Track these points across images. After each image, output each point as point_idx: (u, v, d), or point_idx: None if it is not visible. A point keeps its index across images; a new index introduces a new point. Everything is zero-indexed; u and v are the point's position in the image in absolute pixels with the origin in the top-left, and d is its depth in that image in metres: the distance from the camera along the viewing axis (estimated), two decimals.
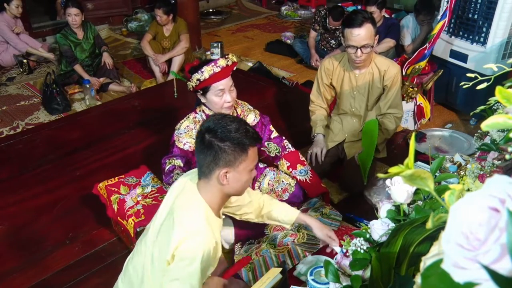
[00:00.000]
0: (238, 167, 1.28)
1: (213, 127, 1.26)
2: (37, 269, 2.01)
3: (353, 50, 2.23)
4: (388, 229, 1.09)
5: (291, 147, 2.32)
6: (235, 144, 1.25)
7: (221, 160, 1.26)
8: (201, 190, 1.32)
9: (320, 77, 2.52)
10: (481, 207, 0.45)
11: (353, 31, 2.18)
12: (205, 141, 1.26)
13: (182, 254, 1.24)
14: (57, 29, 4.40)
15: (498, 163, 1.25)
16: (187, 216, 1.28)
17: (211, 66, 1.91)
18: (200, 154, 1.30)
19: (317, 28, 4.32)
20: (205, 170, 1.30)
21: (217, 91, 1.95)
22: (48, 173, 2.69)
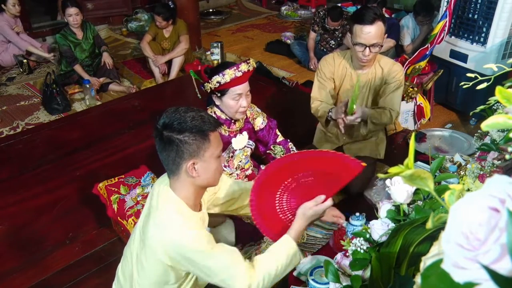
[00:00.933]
0: (204, 156, 1.25)
1: (168, 121, 1.23)
2: (37, 269, 2.01)
3: (362, 48, 2.10)
4: (388, 229, 1.09)
5: (295, 150, 2.32)
6: (195, 133, 1.22)
7: (184, 153, 1.23)
8: (174, 189, 1.30)
9: (322, 72, 2.33)
10: (481, 207, 0.45)
11: (363, 28, 2.04)
12: (164, 138, 1.23)
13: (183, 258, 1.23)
14: (57, 29, 4.40)
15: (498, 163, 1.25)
16: (161, 219, 1.26)
17: (233, 70, 1.89)
18: (162, 153, 1.27)
19: (317, 29, 4.32)
20: (172, 167, 1.27)
21: (235, 95, 1.94)
22: (48, 173, 2.69)
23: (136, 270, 1.35)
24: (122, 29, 5.64)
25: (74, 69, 3.92)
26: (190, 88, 2.09)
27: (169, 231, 1.24)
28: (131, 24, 5.58)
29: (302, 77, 4.14)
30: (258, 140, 2.27)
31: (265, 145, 2.29)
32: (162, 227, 1.25)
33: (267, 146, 2.30)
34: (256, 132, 2.24)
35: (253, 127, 2.22)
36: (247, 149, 2.20)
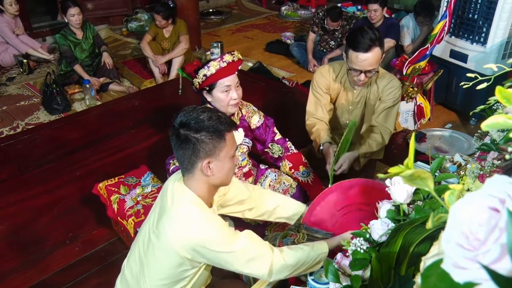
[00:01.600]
0: (219, 155, 1.28)
1: (185, 120, 1.25)
2: (37, 269, 2.01)
3: (356, 73, 2.03)
4: (388, 229, 1.09)
5: (294, 149, 2.31)
6: (211, 132, 1.25)
7: (201, 151, 1.25)
8: (189, 185, 1.32)
9: (317, 84, 2.26)
10: (481, 207, 0.45)
11: (359, 56, 1.95)
12: (181, 136, 1.26)
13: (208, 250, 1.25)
14: (57, 29, 4.40)
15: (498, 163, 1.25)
16: (179, 215, 1.27)
17: (217, 62, 1.91)
18: (179, 151, 1.29)
19: (316, 30, 4.32)
20: (187, 166, 1.29)
21: (224, 87, 1.93)
22: (48, 173, 2.69)
23: (147, 265, 1.35)
24: (122, 29, 5.64)
25: (74, 69, 3.92)
26: (191, 88, 2.09)
27: (187, 224, 1.26)
28: (131, 24, 5.58)
29: (302, 77, 4.14)
30: (256, 138, 2.27)
31: (263, 143, 2.29)
32: (180, 221, 1.26)
33: (265, 144, 2.30)
34: (253, 131, 2.24)
35: (249, 125, 2.22)
36: (243, 146, 2.20)
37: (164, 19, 4.02)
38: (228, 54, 1.93)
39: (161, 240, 1.29)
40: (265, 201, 1.71)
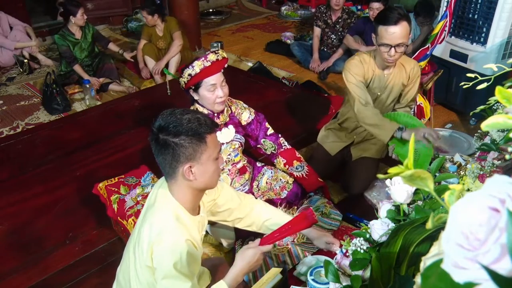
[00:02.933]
0: (200, 159, 1.23)
1: (164, 124, 1.20)
2: (37, 269, 2.01)
3: (387, 48, 2.09)
4: (388, 229, 1.09)
5: (287, 145, 2.32)
6: (191, 136, 1.20)
7: (181, 156, 1.21)
8: (173, 192, 1.29)
9: (353, 73, 2.23)
10: (481, 207, 0.45)
11: (388, 29, 2.05)
12: (160, 141, 1.21)
13: (156, 262, 1.21)
14: (57, 29, 4.39)
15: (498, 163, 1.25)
16: (156, 219, 1.24)
17: (201, 61, 1.92)
18: (159, 156, 1.24)
19: (320, 24, 4.31)
20: (169, 171, 1.25)
21: (209, 86, 1.96)
22: (48, 173, 2.69)
23: (134, 270, 1.34)
24: (122, 29, 5.64)
25: (74, 69, 3.92)
26: None
27: (159, 233, 1.22)
28: (131, 24, 5.58)
29: (302, 77, 4.14)
30: (248, 135, 2.28)
31: (255, 139, 2.30)
32: (155, 230, 1.23)
33: (257, 140, 2.30)
34: (245, 127, 2.25)
35: (240, 121, 2.23)
36: (235, 143, 2.20)
37: (150, 15, 4.00)
38: (212, 53, 1.95)
39: (139, 247, 1.26)
40: (255, 212, 1.67)
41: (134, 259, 1.30)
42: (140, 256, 1.25)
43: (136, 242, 1.30)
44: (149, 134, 1.25)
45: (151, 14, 4.00)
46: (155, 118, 1.25)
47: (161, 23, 4.11)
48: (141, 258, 1.25)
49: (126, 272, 1.40)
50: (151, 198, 1.35)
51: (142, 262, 1.25)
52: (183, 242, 1.22)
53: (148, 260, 1.22)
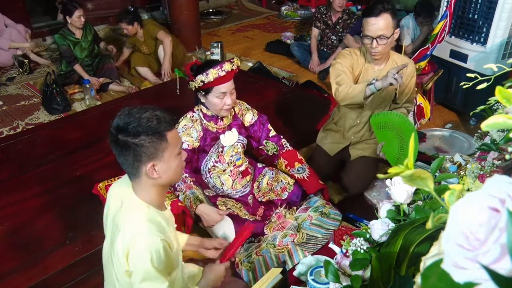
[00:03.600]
0: (163, 157, 1.22)
1: (122, 125, 1.17)
2: (37, 269, 2.01)
3: (369, 40, 2.14)
4: (388, 229, 1.09)
5: (289, 146, 2.33)
6: (151, 135, 1.18)
7: (142, 156, 1.19)
8: (137, 192, 1.27)
9: (340, 62, 2.25)
10: (481, 207, 0.45)
11: (369, 20, 2.10)
12: (119, 142, 1.19)
13: (133, 264, 1.21)
14: (57, 29, 4.39)
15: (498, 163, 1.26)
16: (127, 223, 1.23)
17: (217, 70, 1.92)
18: (120, 157, 1.22)
19: (319, 25, 4.31)
20: (132, 171, 1.24)
21: (219, 93, 1.98)
22: (48, 173, 2.69)
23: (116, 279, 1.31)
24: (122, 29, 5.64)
25: (74, 69, 3.92)
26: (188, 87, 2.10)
27: (132, 237, 1.21)
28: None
29: (302, 77, 4.13)
30: (250, 136, 2.28)
31: (257, 140, 2.31)
32: (128, 235, 1.21)
33: (260, 141, 2.31)
34: (247, 128, 2.25)
35: (243, 123, 2.23)
36: (238, 146, 2.21)
37: (130, 25, 3.97)
38: (228, 62, 1.95)
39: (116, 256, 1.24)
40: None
41: (113, 268, 1.28)
42: (118, 264, 1.24)
43: (111, 251, 1.28)
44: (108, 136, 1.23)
45: (131, 24, 3.97)
46: (112, 119, 1.21)
47: (140, 30, 4.08)
48: (118, 266, 1.24)
49: (110, 281, 1.37)
50: (117, 200, 1.31)
51: (120, 269, 1.24)
52: (158, 242, 1.21)
53: (125, 265, 1.21)
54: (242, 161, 2.26)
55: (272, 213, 2.22)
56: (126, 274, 1.23)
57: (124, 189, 1.31)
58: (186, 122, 2.09)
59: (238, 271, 1.95)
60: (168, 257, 1.25)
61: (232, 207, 2.13)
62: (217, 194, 2.20)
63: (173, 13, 4.61)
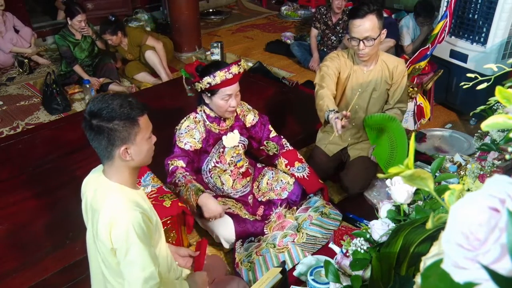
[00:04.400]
0: (135, 140, 1.29)
1: (96, 110, 1.24)
2: (37, 269, 2.01)
3: (356, 42, 2.14)
4: (388, 229, 1.09)
5: (289, 146, 2.33)
6: (124, 120, 1.25)
7: (116, 140, 1.26)
8: (110, 175, 1.33)
9: (327, 65, 2.27)
10: (481, 207, 0.45)
11: (355, 22, 2.10)
12: (93, 127, 1.25)
13: (116, 241, 1.25)
14: (57, 29, 4.40)
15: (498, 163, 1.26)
16: (106, 207, 1.28)
17: (224, 72, 1.92)
18: (94, 142, 1.29)
19: (318, 26, 4.31)
20: (105, 154, 1.30)
21: (225, 95, 1.98)
22: (48, 173, 2.69)
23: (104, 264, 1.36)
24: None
25: (74, 70, 3.92)
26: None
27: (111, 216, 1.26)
28: (131, 24, 5.57)
29: (302, 77, 4.13)
30: (251, 137, 2.28)
31: (258, 141, 2.31)
32: (107, 216, 1.26)
33: (260, 142, 2.31)
34: (249, 129, 2.25)
35: (244, 123, 2.23)
36: (239, 147, 2.21)
37: (114, 35, 3.96)
38: (235, 65, 1.95)
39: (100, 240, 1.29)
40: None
41: (98, 253, 1.34)
42: (101, 246, 1.29)
43: (93, 237, 1.35)
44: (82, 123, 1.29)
45: (114, 34, 3.96)
46: (86, 105, 1.30)
47: (124, 38, 4.07)
48: (102, 247, 1.29)
49: (97, 273, 1.43)
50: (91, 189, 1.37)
51: (105, 250, 1.29)
52: (137, 215, 1.27)
53: (109, 243, 1.26)
54: (243, 162, 2.26)
55: (272, 212, 2.22)
56: (112, 253, 1.28)
57: (96, 177, 1.37)
58: (189, 123, 2.09)
59: (238, 271, 1.95)
60: (149, 229, 1.31)
61: (232, 207, 2.14)
62: (217, 194, 2.20)
63: (173, 13, 4.61)
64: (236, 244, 2.06)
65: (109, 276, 1.37)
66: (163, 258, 1.45)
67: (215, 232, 2.06)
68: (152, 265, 1.28)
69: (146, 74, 4.17)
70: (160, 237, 1.44)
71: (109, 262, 1.32)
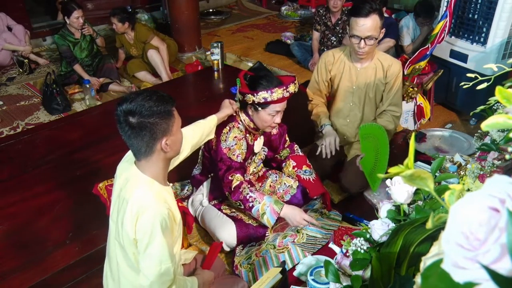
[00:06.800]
0: (172, 131, 1.36)
1: (135, 109, 1.30)
2: (37, 269, 2.01)
3: (357, 40, 2.15)
4: (388, 229, 1.09)
5: (300, 152, 2.33)
6: (162, 113, 1.32)
7: (158, 133, 1.33)
8: (144, 169, 1.38)
9: (320, 72, 2.41)
10: (481, 207, 0.45)
11: (358, 21, 2.11)
12: (133, 125, 1.30)
13: (140, 231, 1.30)
14: (57, 29, 4.39)
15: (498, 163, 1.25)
16: (136, 197, 1.33)
17: (282, 90, 1.89)
18: (133, 139, 1.33)
19: (319, 28, 4.31)
20: (145, 150, 1.35)
21: (273, 111, 1.95)
22: (48, 173, 2.69)
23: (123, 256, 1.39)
24: None
25: (74, 69, 3.92)
26: (190, 87, 2.09)
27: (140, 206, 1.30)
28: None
29: (302, 77, 4.14)
30: (271, 146, 2.27)
31: (275, 150, 2.29)
32: (135, 205, 1.31)
33: (277, 151, 2.30)
34: (270, 137, 2.24)
35: (271, 132, 2.22)
36: (262, 153, 2.22)
37: (120, 22, 3.98)
38: (292, 84, 1.92)
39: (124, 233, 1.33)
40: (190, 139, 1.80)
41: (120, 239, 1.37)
42: (125, 235, 1.33)
43: (117, 224, 1.37)
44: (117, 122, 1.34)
45: (122, 22, 3.99)
46: (117, 105, 1.34)
47: (131, 31, 4.09)
48: (125, 237, 1.33)
49: (113, 265, 1.45)
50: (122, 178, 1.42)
51: (126, 240, 1.33)
52: (164, 211, 1.32)
53: (132, 233, 1.31)
54: (261, 167, 2.27)
55: None
56: (133, 243, 1.32)
57: (128, 167, 1.43)
58: (236, 133, 2.00)
59: (238, 273, 1.94)
60: (172, 226, 1.36)
61: (237, 211, 2.13)
62: (223, 198, 2.18)
63: (173, 13, 4.61)
64: (237, 248, 2.05)
65: (124, 266, 1.40)
66: (177, 256, 1.50)
67: (216, 235, 2.05)
68: (169, 261, 1.32)
69: (146, 73, 4.17)
70: (179, 235, 1.50)
71: (127, 252, 1.36)
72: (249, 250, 2.07)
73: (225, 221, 2.06)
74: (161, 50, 4.11)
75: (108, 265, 1.53)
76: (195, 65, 4.36)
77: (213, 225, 2.07)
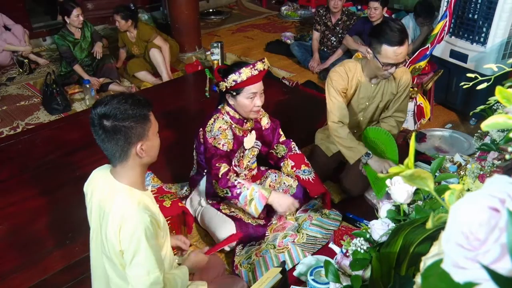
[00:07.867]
0: (148, 135, 1.33)
1: (109, 112, 1.26)
2: (37, 269, 2.01)
3: (389, 67, 2.07)
4: (388, 229, 1.09)
5: (298, 150, 2.32)
6: (138, 117, 1.29)
7: (133, 137, 1.29)
8: (120, 177, 1.35)
9: (335, 86, 2.22)
10: (481, 207, 0.45)
11: (395, 50, 2.00)
12: (107, 128, 1.27)
13: (124, 242, 1.27)
14: (57, 29, 4.39)
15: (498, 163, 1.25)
16: (116, 207, 1.30)
17: (249, 69, 1.91)
18: (107, 142, 1.30)
19: (319, 28, 4.31)
20: (120, 154, 1.31)
21: (250, 94, 1.95)
22: (48, 173, 2.69)
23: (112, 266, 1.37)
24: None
25: (74, 69, 3.92)
26: (190, 87, 2.09)
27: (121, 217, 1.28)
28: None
29: (302, 77, 4.13)
30: (263, 140, 2.27)
31: (268, 145, 2.29)
32: (117, 217, 1.28)
33: (270, 146, 2.29)
34: (262, 132, 2.24)
35: (261, 126, 2.22)
36: (255, 149, 2.21)
37: (123, 19, 3.97)
38: (260, 62, 1.95)
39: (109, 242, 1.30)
40: None
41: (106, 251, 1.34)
42: (110, 247, 1.30)
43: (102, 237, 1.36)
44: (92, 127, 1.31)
45: (125, 19, 3.97)
46: (92, 108, 1.30)
47: (133, 30, 4.09)
48: (111, 249, 1.30)
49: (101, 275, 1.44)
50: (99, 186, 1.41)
51: (112, 251, 1.31)
52: (146, 218, 1.28)
53: (118, 245, 1.28)
54: (255, 165, 2.26)
55: (273, 214, 2.22)
56: (120, 254, 1.30)
57: (103, 177, 1.40)
58: (221, 124, 2.02)
59: (238, 273, 1.94)
60: (156, 233, 1.33)
61: (236, 210, 2.13)
62: (221, 199, 2.18)
63: (173, 13, 4.61)
64: (237, 248, 2.05)
65: (114, 277, 1.38)
66: (168, 258, 1.47)
67: (216, 234, 2.05)
68: (157, 270, 1.29)
69: (147, 73, 4.17)
70: (166, 238, 1.46)
71: (115, 263, 1.33)
72: (249, 250, 2.07)
73: (225, 221, 2.06)
74: (164, 50, 4.11)
75: (94, 278, 1.51)
76: (195, 65, 4.36)
77: (213, 224, 2.07)
